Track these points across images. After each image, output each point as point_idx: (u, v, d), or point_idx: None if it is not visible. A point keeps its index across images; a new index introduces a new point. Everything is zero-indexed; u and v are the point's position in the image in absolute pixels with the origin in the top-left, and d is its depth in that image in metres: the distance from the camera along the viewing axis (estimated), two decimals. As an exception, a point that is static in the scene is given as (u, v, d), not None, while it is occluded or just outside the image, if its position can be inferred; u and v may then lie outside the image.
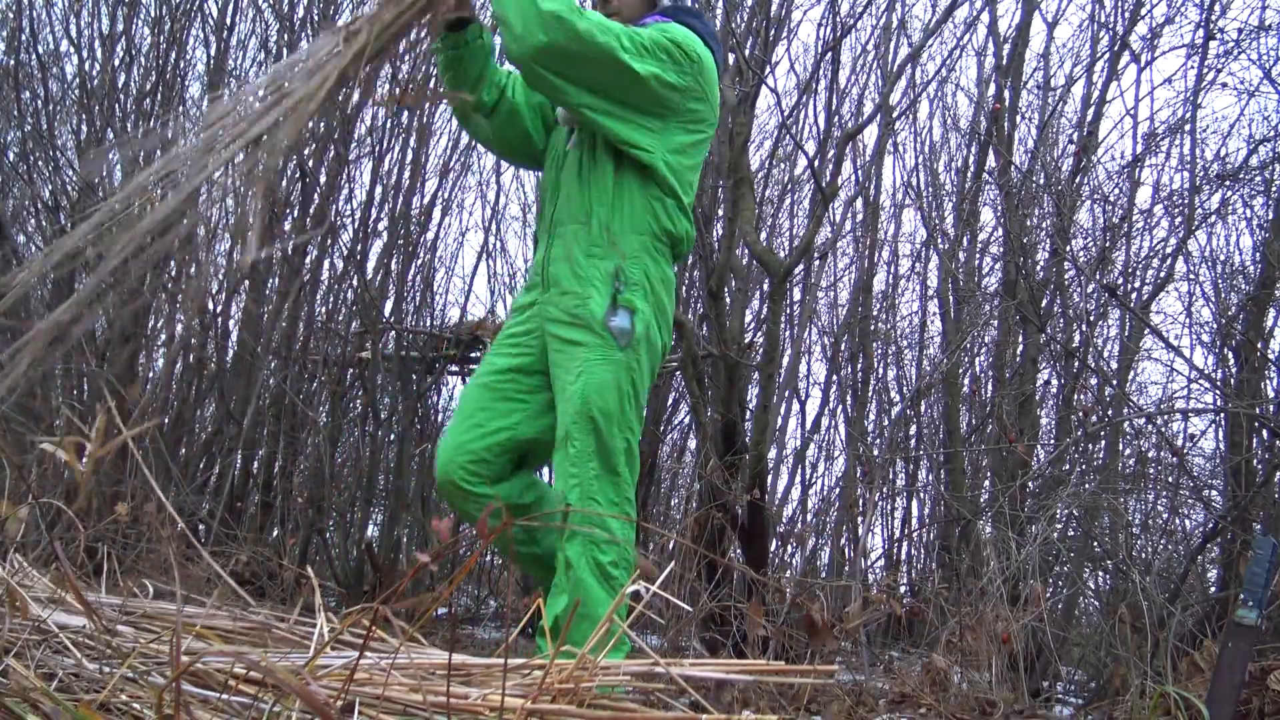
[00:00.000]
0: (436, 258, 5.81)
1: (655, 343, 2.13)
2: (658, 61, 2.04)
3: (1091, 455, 4.84)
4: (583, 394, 2.04)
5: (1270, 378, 4.31)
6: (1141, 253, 4.94)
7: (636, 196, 2.11)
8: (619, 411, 2.04)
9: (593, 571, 1.99)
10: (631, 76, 2.01)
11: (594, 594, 1.97)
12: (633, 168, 2.12)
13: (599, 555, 1.99)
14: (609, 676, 1.20)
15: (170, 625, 1.40)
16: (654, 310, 2.11)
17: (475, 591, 5.25)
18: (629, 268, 2.09)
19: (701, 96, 2.11)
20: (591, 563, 1.99)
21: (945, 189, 6.36)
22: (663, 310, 2.15)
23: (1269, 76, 4.30)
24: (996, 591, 3.34)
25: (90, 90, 4.94)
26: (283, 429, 4.86)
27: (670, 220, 2.14)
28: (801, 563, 5.32)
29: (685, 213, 2.17)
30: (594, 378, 2.04)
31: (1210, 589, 3.97)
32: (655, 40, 2.05)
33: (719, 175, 4.57)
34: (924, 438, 6.24)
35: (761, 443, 4.15)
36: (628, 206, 2.11)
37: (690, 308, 5.40)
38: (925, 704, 3.05)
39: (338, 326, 5.26)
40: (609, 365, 2.05)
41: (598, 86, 2.02)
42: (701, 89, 2.11)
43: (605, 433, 2.03)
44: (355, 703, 1.11)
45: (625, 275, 2.08)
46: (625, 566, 2.00)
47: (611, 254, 2.09)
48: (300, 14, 5.13)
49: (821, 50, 4.75)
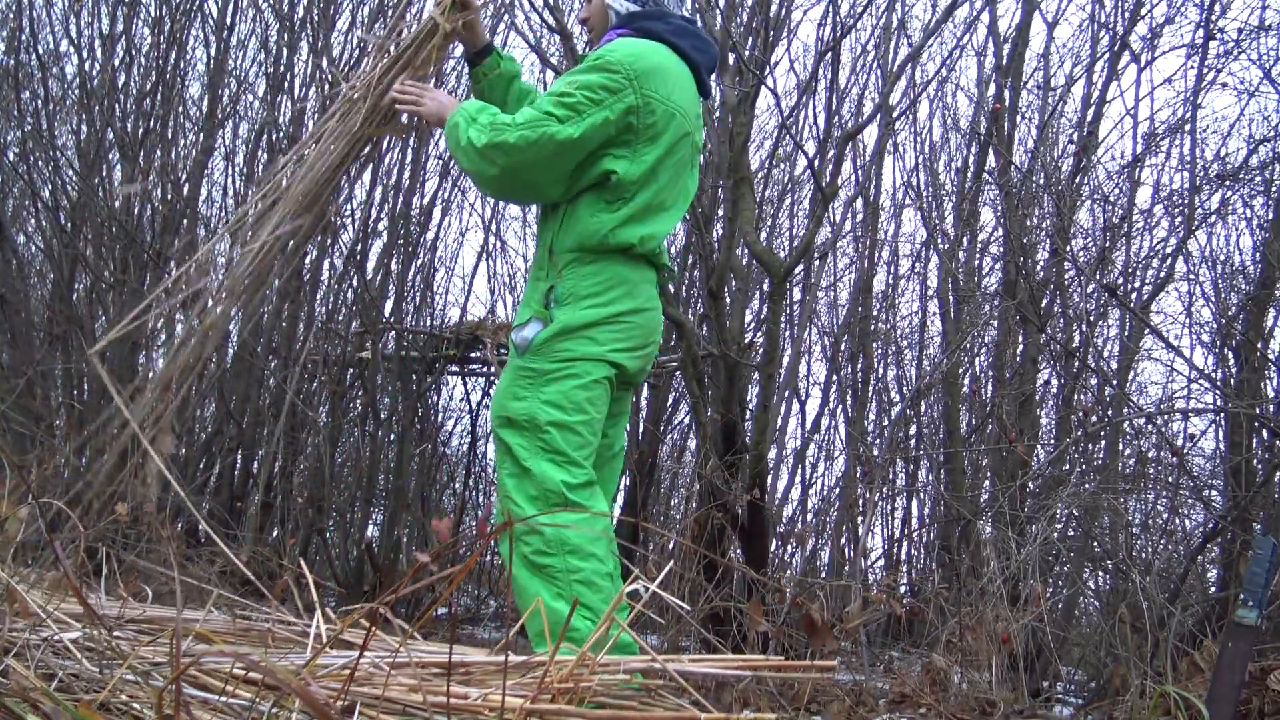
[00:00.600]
0: (436, 258, 5.82)
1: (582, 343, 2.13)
2: (592, 106, 2.09)
3: (1091, 455, 4.84)
4: (491, 407, 2.20)
5: (1270, 378, 4.31)
6: (1141, 253, 4.95)
7: (580, 210, 2.17)
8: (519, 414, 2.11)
9: (522, 564, 2.05)
10: (577, 144, 2.09)
11: (524, 584, 2.04)
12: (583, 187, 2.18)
13: (522, 548, 2.05)
14: (610, 675, 1.20)
15: (170, 626, 1.40)
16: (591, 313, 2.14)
17: (475, 591, 5.25)
18: (561, 285, 2.16)
19: (653, 105, 2.13)
20: (519, 557, 2.05)
21: (945, 189, 6.36)
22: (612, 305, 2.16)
23: (1269, 76, 4.29)
24: (996, 591, 3.34)
25: (90, 90, 4.94)
26: (283, 429, 4.86)
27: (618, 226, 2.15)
28: (801, 563, 5.32)
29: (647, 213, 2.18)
30: (498, 388, 2.20)
31: (1210, 589, 3.97)
32: (584, 83, 2.10)
33: (719, 175, 4.57)
34: (924, 438, 6.24)
35: (761, 443, 4.15)
36: (570, 224, 2.18)
37: (690, 308, 5.40)
38: (925, 704, 3.05)
39: (338, 326, 5.26)
40: (508, 374, 2.17)
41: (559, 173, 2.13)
42: (653, 98, 2.13)
43: (503, 437, 2.13)
44: (356, 704, 1.11)
45: (556, 293, 2.15)
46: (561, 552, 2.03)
47: (551, 273, 2.18)
48: (300, 14, 5.13)
49: (821, 50, 4.75)
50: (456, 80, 5.18)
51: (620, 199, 2.15)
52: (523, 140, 2.07)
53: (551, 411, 2.10)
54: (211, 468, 5.00)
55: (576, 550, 2.03)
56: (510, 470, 2.11)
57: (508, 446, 2.12)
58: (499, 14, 5.00)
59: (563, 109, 2.08)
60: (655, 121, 2.14)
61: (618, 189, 2.15)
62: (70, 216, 4.92)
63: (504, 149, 2.08)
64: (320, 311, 5.30)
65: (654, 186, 2.19)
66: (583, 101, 2.09)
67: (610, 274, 2.17)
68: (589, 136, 2.09)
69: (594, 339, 2.14)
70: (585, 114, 2.08)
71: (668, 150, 2.18)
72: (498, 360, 4.88)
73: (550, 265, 2.18)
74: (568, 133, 2.07)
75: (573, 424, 2.11)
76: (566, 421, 2.10)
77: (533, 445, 2.09)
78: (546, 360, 2.13)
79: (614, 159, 2.13)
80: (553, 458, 2.09)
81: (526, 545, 2.04)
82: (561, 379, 2.12)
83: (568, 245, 2.17)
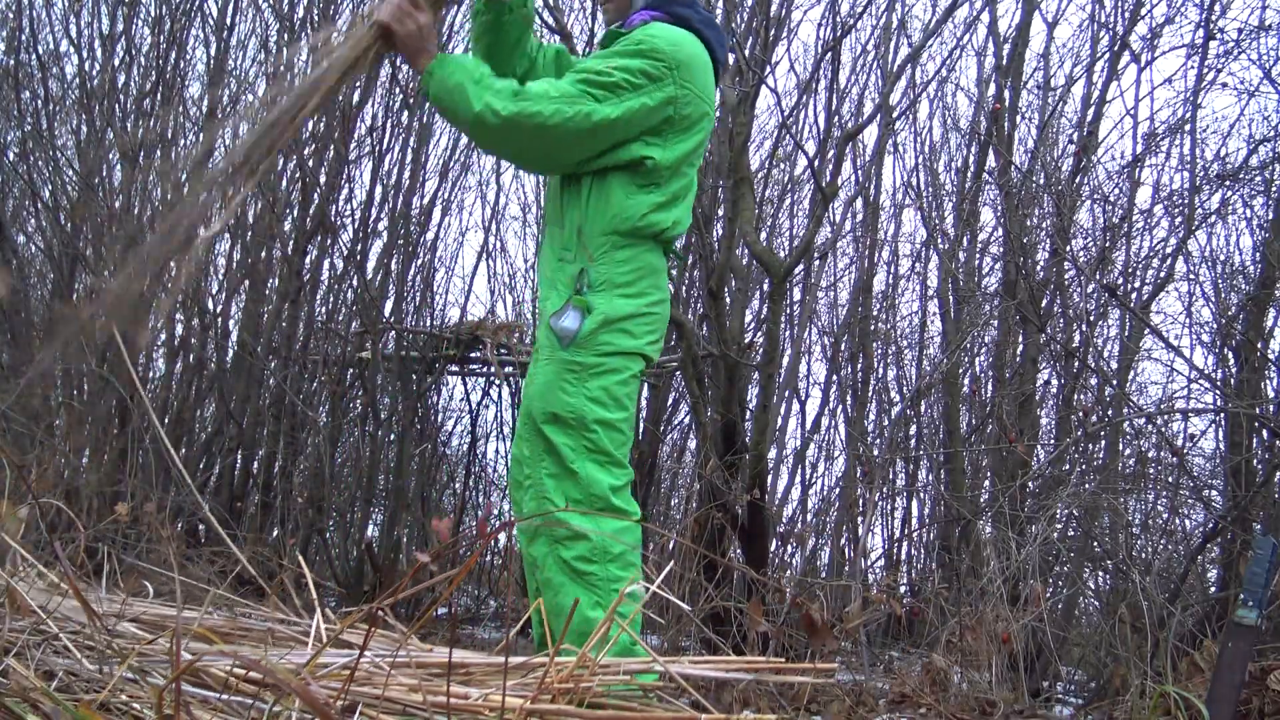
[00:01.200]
0: (436, 258, 5.82)
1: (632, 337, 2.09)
2: (632, 91, 2.01)
3: (1091, 455, 4.84)
4: (528, 397, 2.08)
5: (1270, 378, 4.31)
6: (1141, 253, 4.95)
7: (614, 194, 2.08)
8: (567, 411, 2.02)
9: (559, 568, 1.98)
10: (614, 126, 2.01)
11: (564, 590, 1.96)
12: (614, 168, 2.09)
13: (562, 552, 1.98)
14: (610, 676, 1.20)
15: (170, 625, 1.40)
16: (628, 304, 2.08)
17: (475, 591, 5.25)
18: (594, 270, 2.07)
19: (690, 99, 2.08)
20: (557, 560, 1.98)
21: (945, 189, 6.36)
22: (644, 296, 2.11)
23: (1269, 76, 4.29)
24: (996, 591, 3.34)
25: (90, 90, 4.94)
26: (283, 429, 4.86)
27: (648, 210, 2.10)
28: (801, 563, 5.32)
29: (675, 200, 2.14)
30: (538, 380, 2.07)
31: (1210, 589, 3.97)
32: (625, 66, 2.02)
33: (719, 175, 4.57)
34: (924, 438, 6.24)
35: (761, 443, 4.15)
36: (602, 206, 2.09)
37: (690, 308, 5.40)
38: (925, 704, 3.05)
39: (338, 326, 5.26)
40: (551, 366, 2.05)
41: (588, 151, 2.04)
42: (690, 91, 2.08)
43: (549, 435, 2.03)
44: (357, 705, 1.11)
45: (589, 277, 2.07)
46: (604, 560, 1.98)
47: (580, 257, 2.08)
48: (300, 14, 5.13)
49: (821, 50, 4.76)
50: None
51: (653, 183, 2.10)
52: (558, 115, 1.97)
53: (597, 409, 2.03)
54: (211, 468, 5.00)
55: (619, 559, 1.99)
56: (551, 470, 2.03)
57: (552, 445, 2.03)
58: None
59: (600, 89, 2.00)
60: (690, 114, 2.10)
61: (652, 173, 2.09)
62: (70, 216, 4.92)
63: (535, 120, 1.96)
64: (320, 311, 5.30)
65: (683, 177, 2.15)
66: (623, 84, 2.01)
67: (641, 262, 2.11)
68: (627, 120, 2.02)
69: (631, 332, 2.09)
70: (624, 97, 2.01)
71: (696, 146, 2.15)
72: (498, 360, 4.88)
73: (579, 248, 2.09)
74: (605, 113, 1.99)
75: (616, 421, 2.05)
76: (611, 419, 2.05)
77: (579, 445, 2.02)
78: (590, 354, 2.05)
79: (647, 145, 2.07)
80: (597, 458, 2.03)
81: (568, 549, 1.98)
82: (604, 374, 2.05)
83: (601, 228, 2.08)
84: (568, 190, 2.14)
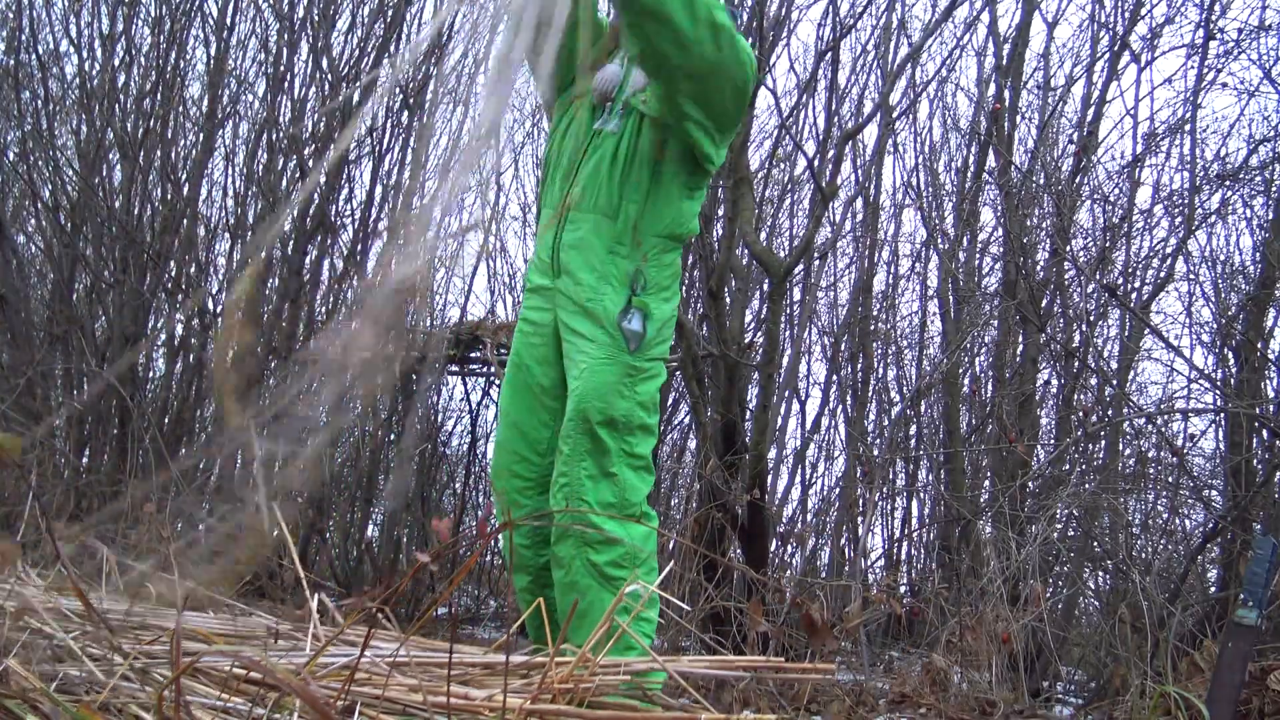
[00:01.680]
0: (436, 258, 5.81)
1: (667, 342, 2.10)
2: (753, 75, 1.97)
3: (1091, 455, 4.84)
4: (581, 395, 1.99)
5: (1270, 378, 4.31)
6: (1141, 253, 4.95)
7: (672, 196, 2.05)
8: (621, 415, 1.98)
9: (589, 572, 1.95)
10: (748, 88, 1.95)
11: (592, 595, 1.93)
12: (674, 167, 2.05)
13: (593, 555, 1.95)
14: (610, 675, 1.20)
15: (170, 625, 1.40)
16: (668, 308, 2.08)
17: (475, 591, 5.25)
18: (649, 270, 2.04)
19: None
20: (586, 564, 1.95)
21: (945, 189, 6.36)
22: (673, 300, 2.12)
23: (1269, 76, 4.30)
24: (996, 591, 3.34)
25: (90, 90, 4.94)
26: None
27: (690, 218, 2.10)
28: (801, 563, 5.31)
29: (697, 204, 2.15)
30: (596, 379, 1.99)
31: (1210, 589, 3.97)
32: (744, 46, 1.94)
33: (719, 175, 4.57)
34: (924, 438, 6.24)
35: (761, 443, 4.15)
36: (661, 206, 2.04)
37: (690, 308, 5.40)
38: (925, 704, 3.05)
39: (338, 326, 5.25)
40: (613, 368, 1.99)
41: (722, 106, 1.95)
42: None
43: (601, 436, 1.97)
44: (356, 704, 1.11)
45: (645, 278, 2.03)
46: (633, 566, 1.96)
47: (634, 254, 2.03)
48: (300, 14, 5.13)
49: (821, 50, 4.75)
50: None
51: (698, 187, 2.09)
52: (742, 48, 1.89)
53: (641, 414, 2.02)
54: (211, 468, 4.99)
55: (647, 564, 1.99)
56: (591, 470, 1.98)
57: (601, 447, 1.98)
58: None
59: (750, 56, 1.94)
60: None
61: (703, 176, 2.07)
62: (70, 216, 4.92)
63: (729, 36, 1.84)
64: (320, 311, 5.30)
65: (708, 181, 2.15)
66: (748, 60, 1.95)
67: (676, 267, 2.11)
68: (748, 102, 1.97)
69: (666, 339, 2.10)
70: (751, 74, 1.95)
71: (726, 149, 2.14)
72: (498, 360, 4.88)
73: (633, 244, 2.03)
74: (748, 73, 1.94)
75: (652, 426, 2.05)
76: (650, 424, 2.04)
77: (620, 449, 2.00)
78: (643, 358, 2.03)
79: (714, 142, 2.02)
80: (633, 463, 2.02)
81: (599, 554, 1.96)
82: (650, 379, 2.04)
83: (657, 229, 2.04)
84: (628, 182, 2.04)
